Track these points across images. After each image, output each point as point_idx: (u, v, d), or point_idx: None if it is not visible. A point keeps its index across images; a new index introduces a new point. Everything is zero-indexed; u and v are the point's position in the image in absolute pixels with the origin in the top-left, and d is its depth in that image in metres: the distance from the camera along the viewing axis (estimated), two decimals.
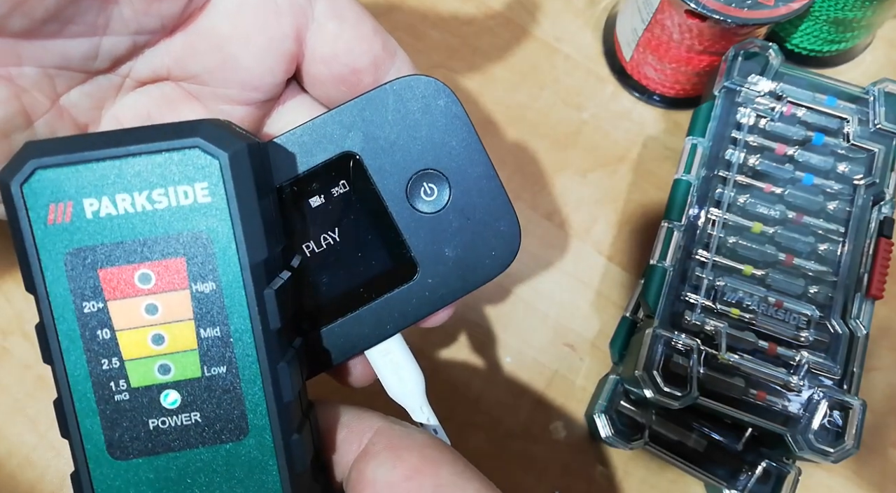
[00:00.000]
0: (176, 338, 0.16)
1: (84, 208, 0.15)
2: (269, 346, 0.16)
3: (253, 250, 0.16)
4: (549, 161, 0.34)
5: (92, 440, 0.16)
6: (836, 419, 0.25)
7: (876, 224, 0.28)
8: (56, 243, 0.15)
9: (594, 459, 0.30)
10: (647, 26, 0.32)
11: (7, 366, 0.30)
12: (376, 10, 0.37)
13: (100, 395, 0.16)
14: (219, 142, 0.15)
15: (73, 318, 0.16)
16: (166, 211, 0.15)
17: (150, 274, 0.16)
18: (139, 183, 0.15)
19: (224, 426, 0.16)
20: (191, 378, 0.16)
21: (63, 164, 0.15)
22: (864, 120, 0.29)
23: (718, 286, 0.27)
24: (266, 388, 0.16)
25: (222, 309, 0.16)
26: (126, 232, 0.15)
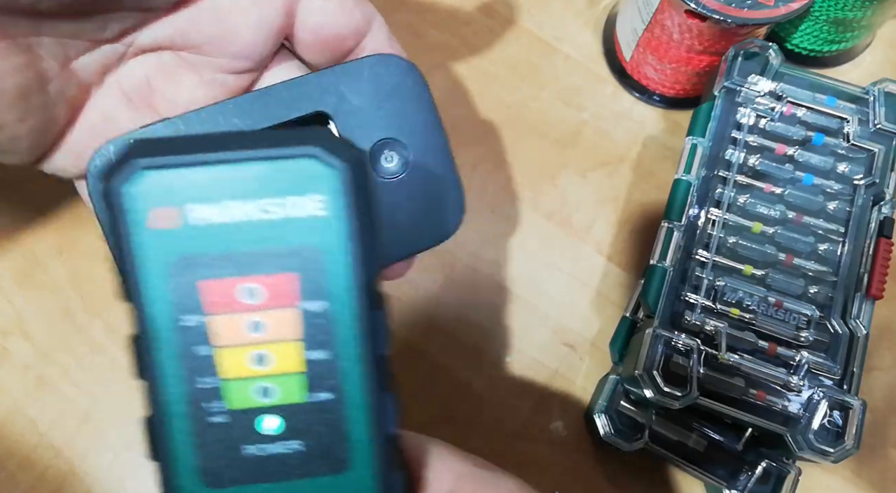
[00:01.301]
0: (282, 358, 0.15)
1: (190, 215, 0.14)
2: (378, 373, 0.15)
3: (366, 268, 0.15)
4: (549, 161, 0.34)
5: (184, 465, 0.15)
6: (836, 418, 0.25)
7: (876, 224, 0.28)
8: (157, 251, 0.14)
9: (594, 459, 0.30)
10: (647, 26, 0.32)
11: (7, 366, 0.30)
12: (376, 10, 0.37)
13: (194, 416, 0.15)
14: (338, 152, 0.14)
15: (169, 331, 0.14)
16: (279, 222, 0.14)
17: (256, 289, 0.14)
18: (252, 191, 0.14)
19: (325, 457, 0.15)
20: (295, 403, 0.15)
21: (170, 165, 0.14)
22: (864, 120, 0.29)
23: (718, 286, 0.27)
24: (371, 419, 0.15)
25: (332, 331, 0.15)
26: (234, 242, 0.14)
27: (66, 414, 0.29)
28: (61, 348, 0.30)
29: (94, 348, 0.30)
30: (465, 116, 0.35)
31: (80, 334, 0.30)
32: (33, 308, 0.30)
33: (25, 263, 0.31)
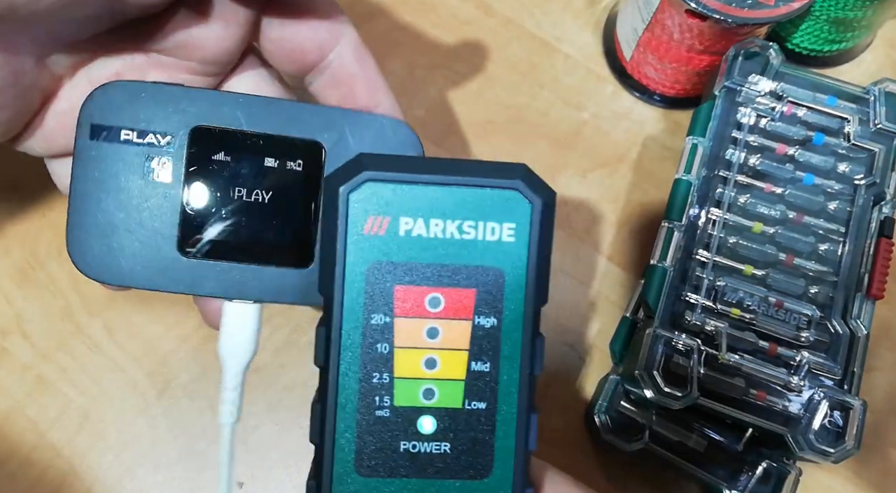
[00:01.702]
0: (448, 365, 0.16)
1: (399, 225, 0.16)
2: (529, 391, 0.16)
3: (539, 295, 0.16)
4: (549, 161, 0.34)
5: (343, 451, 0.16)
6: (837, 419, 0.25)
7: (876, 224, 0.28)
8: (365, 252, 0.16)
9: (594, 458, 0.30)
10: (648, 26, 0.32)
11: (7, 366, 0.30)
12: (376, 10, 0.37)
13: (363, 407, 0.16)
14: (535, 188, 0.16)
15: (359, 326, 0.16)
16: (471, 243, 0.16)
17: (440, 299, 0.16)
18: (455, 212, 0.16)
19: (470, 462, 0.16)
20: (451, 408, 0.16)
21: (391, 180, 0.16)
22: (865, 120, 0.29)
23: (719, 286, 0.27)
24: (519, 433, 0.16)
25: (497, 346, 0.16)
26: (430, 255, 0.16)
27: (65, 414, 0.29)
28: (61, 348, 0.30)
29: (93, 348, 0.30)
30: (465, 116, 0.35)
31: (80, 334, 0.30)
32: (33, 308, 0.30)
33: (25, 263, 0.31)
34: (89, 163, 0.20)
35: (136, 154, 0.20)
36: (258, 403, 0.30)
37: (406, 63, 0.36)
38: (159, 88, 0.20)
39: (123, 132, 0.20)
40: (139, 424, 0.29)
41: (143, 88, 0.20)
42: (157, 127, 0.20)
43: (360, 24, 0.36)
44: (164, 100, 0.20)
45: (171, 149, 0.20)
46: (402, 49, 0.36)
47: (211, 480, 0.29)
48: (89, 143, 0.20)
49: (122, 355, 0.30)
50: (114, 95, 0.20)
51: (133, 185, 0.20)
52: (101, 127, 0.20)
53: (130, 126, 0.20)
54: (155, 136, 0.20)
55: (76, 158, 0.20)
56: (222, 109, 0.20)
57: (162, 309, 0.31)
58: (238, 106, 0.20)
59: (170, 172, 0.20)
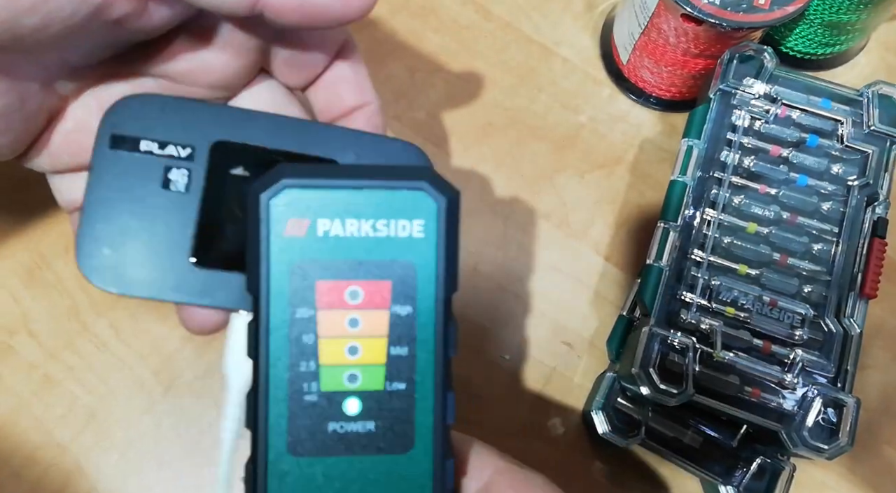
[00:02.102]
0: (369, 352, 0.17)
1: (317, 227, 0.17)
2: (445, 371, 0.18)
3: (449, 284, 0.18)
4: (548, 163, 0.35)
5: (276, 434, 0.17)
6: (830, 416, 0.26)
7: (869, 225, 0.28)
8: (287, 253, 0.17)
9: (591, 455, 0.30)
10: (644, 30, 0.33)
11: (13, 365, 0.30)
12: (377, 15, 0.37)
13: (293, 393, 0.17)
14: (440, 188, 0.17)
15: (286, 320, 0.17)
16: (384, 239, 0.17)
17: (358, 291, 0.17)
18: (368, 212, 0.17)
19: (393, 438, 0.18)
20: (374, 390, 0.17)
21: (309, 186, 0.17)
22: (858, 122, 0.29)
23: (714, 286, 0.27)
24: (436, 409, 0.18)
25: (413, 332, 0.18)
26: (347, 252, 0.17)
27: (71, 413, 0.30)
28: (67, 347, 0.30)
29: (99, 348, 0.31)
30: (464, 119, 0.35)
31: (86, 333, 0.31)
32: (39, 307, 0.31)
33: (32, 262, 0.32)
34: (107, 172, 0.20)
35: (155, 165, 0.20)
36: None
37: (407, 67, 0.36)
38: (182, 102, 0.21)
39: (144, 143, 0.20)
40: (144, 422, 0.30)
41: (166, 101, 0.20)
42: (179, 139, 0.20)
43: (361, 28, 0.37)
44: (186, 114, 0.20)
45: (191, 161, 0.20)
46: (403, 53, 0.37)
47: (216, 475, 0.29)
48: (108, 152, 0.20)
49: (128, 354, 0.30)
50: (136, 107, 0.20)
51: (150, 195, 0.20)
52: (122, 137, 0.20)
53: (151, 137, 0.20)
54: (176, 147, 0.20)
55: (94, 167, 0.20)
56: (244, 126, 0.21)
57: (167, 309, 0.31)
58: (259, 124, 0.21)
59: (188, 183, 0.20)
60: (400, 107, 0.36)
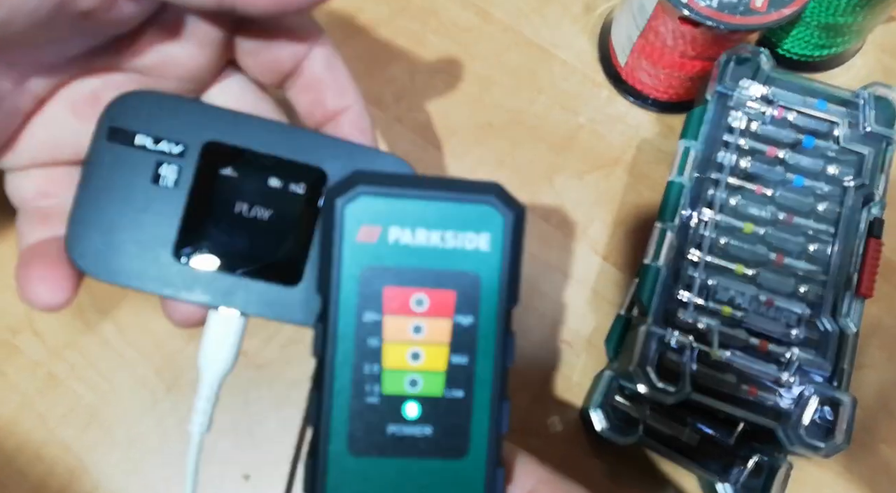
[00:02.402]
0: (430, 358, 0.18)
1: (389, 234, 0.18)
2: (502, 382, 0.18)
3: (510, 297, 0.18)
4: (547, 164, 0.35)
5: (337, 433, 0.18)
6: (827, 414, 0.26)
7: (865, 225, 0.28)
8: (359, 258, 0.18)
9: (590, 453, 0.30)
10: (642, 33, 0.33)
11: (17, 363, 0.30)
12: (378, 18, 0.38)
13: (356, 394, 0.18)
14: (508, 203, 0.18)
15: (353, 323, 0.18)
16: (452, 250, 0.18)
17: (424, 299, 0.18)
18: (438, 223, 0.18)
19: (449, 443, 0.18)
20: (433, 396, 0.18)
21: (382, 194, 0.18)
22: (854, 123, 0.30)
23: (711, 285, 0.28)
24: (492, 417, 0.18)
25: (474, 342, 0.18)
26: (416, 260, 0.18)
27: (75, 411, 0.30)
28: (71, 345, 0.31)
29: (103, 346, 0.31)
30: (464, 121, 0.36)
31: (90, 332, 0.31)
32: None
33: None
34: (102, 163, 0.21)
35: (147, 159, 0.21)
36: (265, 398, 0.30)
37: (407, 68, 0.37)
38: (181, 100, 0.21)
39: (139, 137, 0.21)
40: (147, 420, 0.30)
41: (166, 98, 0.21)
42: (172, 136, 0.21)
43: (361, 31, 0.37)
44: (182, 112, 0.21)
45: (182, 159, 0.21)
46: (404, 55, 0.37)
47: (218, 475, 0.29)
48: (106, 144, 0.21)
49: (131, 353, 0.31)
50: (135, 103, 0.21)
51: (140, 188, 0.21)
52: (119, 130, 0.21)
53: (146, 132, 0.21)
54: (169, 144, 0.21)
55: (90, 158, 0.21)
56: (237, 129, 0.21)
57: None
58: (252, 127, 0.21)
59: (177, 179, 0.21)
60: (401, 108, 0.36)
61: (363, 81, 0.36)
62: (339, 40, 0.37)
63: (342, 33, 0.37)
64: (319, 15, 0.37)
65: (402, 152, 0.33)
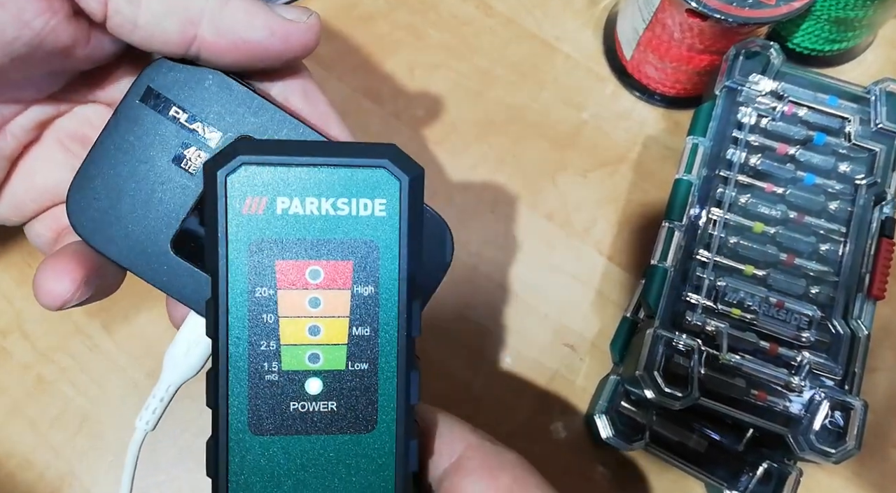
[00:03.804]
0: (330, 331, 0.17)
1: (276, 205, 0.17)
2: (408, 352, 0.18)
3: (411, 263, 0.17)
4: (550, 161, 0.34)
5: (237, 413, 0.17)
6: (838, 419, 0.25)
7: (877, 224, 0.28)
8: (245, 231, 0.17)
9: (594, 460, 0.30)
10: (648, 25, 0.32)
11: (6, 366, 0.30)
12: (376, 11, 0.37)
13: (253, 372, 0.17)
14: (403, 166, 0.17)
15: (244, 300, 0.17)
16: (345, 218, 0.17)
17: (319, 271, 0.17)
18: (328, 190, 0.17)
19: (356, 417, 0.18)
20: (336, 370, 0.17)
21: (266, 163, 0.17)
22: (866, 120, 0.29)
23: (719, 287, 0.27)
24: (399, 389, 0.18)
25: (375, 312, 0.17)
26: (307, 231, 0.17)
27: (65, 414, 0.29)
28: (60, 348, 0.30)
29: (92, 349, 0.30)
30: (465, 116, 0.35)
31: (80, 335, 0.30)
32: (33, 308, 0.30)
33: (24, 263, 0.31)
34: (128, 122, 0.19)
35: (176, 135, 0.20)
36: None
37: (406, 63, 0.36)
38: (228, 82, 0.20)
39: (174, 109, 0.19)
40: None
41: (211, 76, 0.20)
42: (209, 119, 0.20)
43: (359, 25, 0.36)
44: (227, 97, 0.20)
45: (212, 145, 0.20)
46: (403, 49, 0.36)
47: None
48: (137, 104, 0.19)
49: (121, 356, 0.30)
50: (181, 72, 0.20)
51: (159, 163, 0.20)
52: (156, 94, 0.19)
53: (184, 106, 0.20)
54: (203, 126, 0.20)
55: (117, 113, 0.19)
56: (279, 131, 0.20)
57: (162, 310, 0.31)
58: (296, 134, 0.20)
59: (200, 166, 0.20)
60: (399, 104, 0.35)
61: (360, 76, 0.36)
62: (336, 34, 0.37)
63: (339, 27, 0.36)
64: (315, 6, 0.36)
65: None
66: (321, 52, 0.36)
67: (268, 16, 0.19)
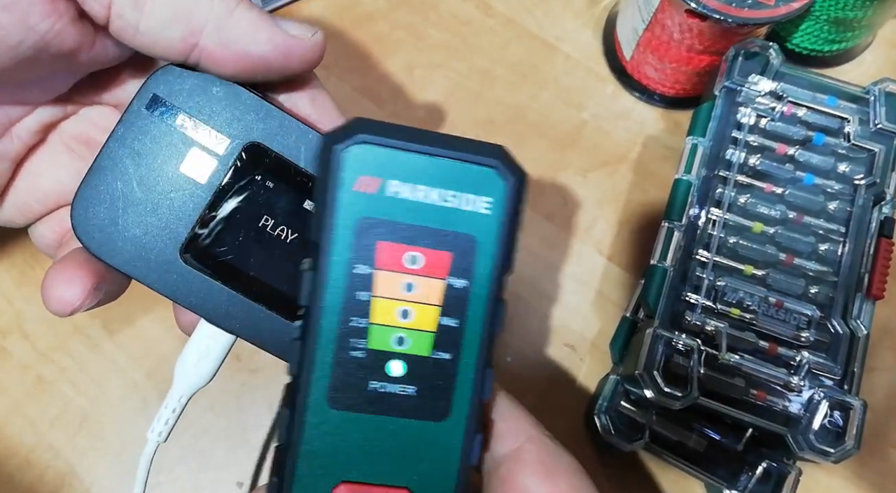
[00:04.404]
0: (420, 317, 0.18)
1: (387, 187, 0.17)
2: (489, 348, 0.18)
3: (506, 263, 0.18)
4: (550, 161, 0.34)
5: (318, 384, 0.17)
6: (837, 419, 0.25)
7: (876, 224, 0.28)
8: (354, 208, 0.17)
9: (594, 459, 0.30)
10: (648, 26, 0.32)
11: (6, 366, 0.30)
12: (376, 11, 0.37)
13: (340, 346, 0.17)
14: (510, 169, 0.17)
15: (343, 274, 0.17)
16: (450, 210, 0.17)
17: (418, 257, 0.17)
18: (438, 180, 0.17)
19: (431, 405, 0.18)
20: (420, 355, 0.18)
21: (384, 145, 0.17)
22: (865, 120, 0.29)
23: (719, 286, 0.27)
24: (476, 383, 0.18)
25: (465, 305, 0.18)
26: (413, 217, 0.17)
27: (65, 414, 0.29)
28: (60, 348, 0.30)
29: (92, 349, 0.30)
30: (465, 116, 0.35)
31: (79, 335, 0.30)
32: (32, 308, 0.30)
33: (25, 263, 0.31)
34: (133, 131, 0.19)
35: (182, 142, 0.19)
36: (258, 402, 0.30)
37: (406, 63, 0.36)
38: (236, 89, 0.20)
39: (181, 116, 0.19)
40: (139, 424, 0.29)
41: (219, 83, 0.20)
42: (217, 125, 0.19)
43: (359, 25, 0.36)
44: (235, 103, 0.20)
45: (220, 153, 0.20)
46: (403, 49, 0.36)
47: (213, 480, 0.29)
48: (143, 112, 0.19)
49: (122, 356, 0.30)
50: (188, 78, 0.19)
51: (166, 171, 0.19)
52: (162, 102, 0.19)
53: (191, 113, 0.19)
54: (210, 133, 0.19)
55: (123, 121, 0.19)
56: (288, 137, 0.20)
57: (162, 310, 0.31)
58: (305, 141, 0.20)
59: (208, 174, 0.19)
60: (398, 104, 0.35)
61: (360, 76, 0.36)
62: (336, 34, 0.37)
63: (338, 26, 0.36)
64: (315, 6, 0.36)
65: None
66: None
67: (272, 30, 0.18)
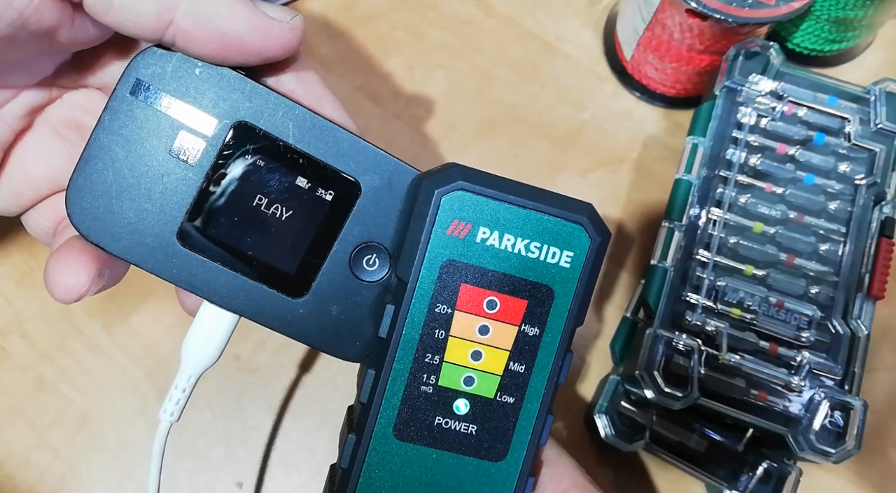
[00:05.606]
0: (490, 360, 0.19)
1: (477, 233, 0.18)
2: (552, 396, 0.19)
3: (578, 317, 0.19)
4: (550, 161, 0.34)
5: (385, 414, 0.18)
6: (837, 419, 0.25)
7: (877, 224, 0.28)
8: (444, 250, 0.18)
9: (595, 459, 0.30)
10: (648, 26, 0.32)
11: (6, 367, 0.30)
12: (375, 10, 0.37)
13: (412, 380, 0.18)
14: (597, 228, 0.19)
15: (424, 311, 0.18)
16: (533, 261, 0.18)
17: (496, 301, 0.18)
18: (526, 231, 0.18)
19: (490, 445, 0.19)
20: (485, 397, 0.19)
21: (479, 193, 0.18)
22: (866, 120, 0.29)
23: (719, 287, 0.27)
24: (535, 428, 0.19)
25: (534, 353, 0.19)
26: (497, 263, 0.18)
27: (64, 415, 0.29)
28: (60, 348, 0.30)
29: (92, 349, 0.30)
30: (465, 116, 0.35)
31: (79, 335, 0.30)
32: (32, 309, 0.30)
33: (24, 263, 0.31)
34: (120, 117, 0.19)
35: (170, 125, 0.19)
36: (258, 403, 0.30)
37: (406, 62, 0.36)
38: (219, 70, 0.19)
39: (165, 99, 0.19)
40: (138, 425, 0.29)
41: (206, 66, 0.19)
42: (203, 106, 0.19)
43: (358, 24, 0.36)
44: (219, 83, 0.19)
45: (208, 134, 0.19)
46: (403, 48, 0.36)
47: (211, 481, 0.29)
48: (128, 97, 0.19)
49: (121, 356, 0.30)
50: (169, 60, 0.19)
51: (156, 155, 0.19)
52: (146, 86, 0.19)
53: (175, 95, 0.19)
54: (197, 114, 0.19)
55: (108, 108, 0.19)
56: (276, 114, 0.20)
57: (161, 310, 0.31)
58: (292, 117, 0.20)
59: (198, 155, 0.19)
60: (399, 104, 0.35)
61: (360, 76, 0.36)
62: (336, 33, 0.36)
63: (339, 26, 0.36)
64: (315, 6, 0.36)
65: (399, 149, 0.32)
66: (321, 51, 0.36)
67: (250, 10, 0.18)
